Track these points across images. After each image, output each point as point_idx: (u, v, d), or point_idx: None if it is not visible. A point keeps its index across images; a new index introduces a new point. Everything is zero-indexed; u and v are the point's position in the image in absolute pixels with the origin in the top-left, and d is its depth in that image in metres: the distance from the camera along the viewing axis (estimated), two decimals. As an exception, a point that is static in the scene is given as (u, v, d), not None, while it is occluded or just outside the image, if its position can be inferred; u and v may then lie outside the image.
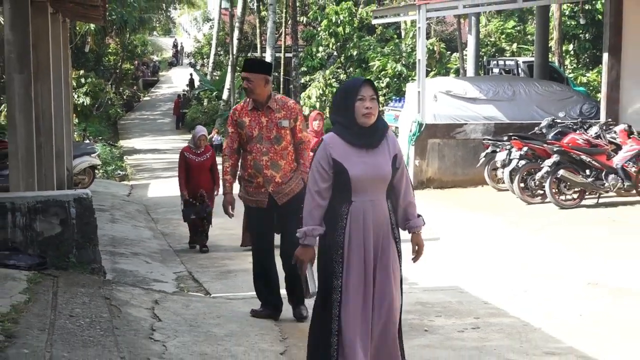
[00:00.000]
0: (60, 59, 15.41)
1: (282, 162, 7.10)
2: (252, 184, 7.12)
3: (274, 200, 7.09)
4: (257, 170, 7.05)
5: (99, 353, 5.56)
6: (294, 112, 7.14)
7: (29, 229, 8.06)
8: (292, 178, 7.15)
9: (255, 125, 7.05)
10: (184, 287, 9.60)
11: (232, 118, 7.20)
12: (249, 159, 7.11)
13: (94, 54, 38.08)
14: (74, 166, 17.66)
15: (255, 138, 7.04)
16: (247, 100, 7.16)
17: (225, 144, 7.29)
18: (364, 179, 4.90)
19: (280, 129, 7.06)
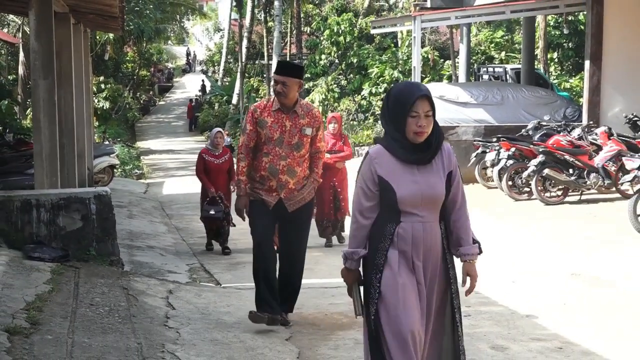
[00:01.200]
0: (81, 66, 15.40)
1: (299, 169, 6.49)
2: (263, 186, 6.49)
3: (284, 206, 6.50)
4: (272, 174, 6.43)
5: (117, 339, 5.56)
6: (318, 121, 6.55)
7: (52, 224, 8.07)
8: (305, 186, 6.58)
9: (277, 128, 6.41)
10: (196, 277, 9.60)
11: (252, 115, 6.48)
12: (264, 160, 6.45)
13: (113, 61, 38.00)
14: (94, 165, 17.63)
15: (275, 141, 6.41)
16: (271, 99, 6.53)
17: (241, 142, 6.57)
18: (413, 199, 4.11)
19: (303, 136, 6.45)
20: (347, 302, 7.65)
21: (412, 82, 4.27)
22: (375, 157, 4.16)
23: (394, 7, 38.19)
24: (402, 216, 4.13)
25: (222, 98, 39.07)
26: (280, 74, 6.42)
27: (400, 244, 4.14)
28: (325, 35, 31.85)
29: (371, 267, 4.20)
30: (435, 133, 4.15)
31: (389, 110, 4.15)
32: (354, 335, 6.43)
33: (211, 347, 5.88)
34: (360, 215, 4.20)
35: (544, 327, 6.70)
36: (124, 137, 34.13)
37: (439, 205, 4.19)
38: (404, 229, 4.13)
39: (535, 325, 6.74)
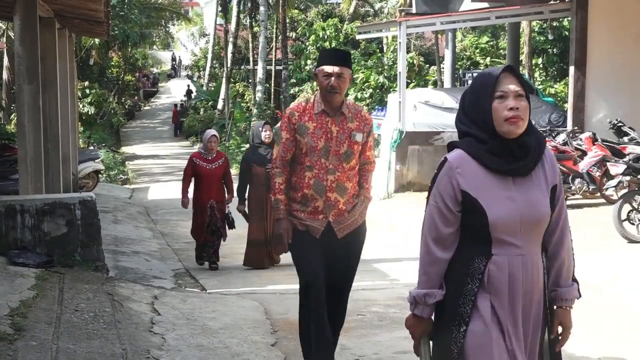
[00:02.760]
0: (66, 71, 15.35)
1: (349, 184, 5.23)
2: (306, 207, 5.22)
3: (333, 231, 5.22)
4: (318, 192, 5.17)
5: (102, 345, 5.54)
6: (369, 125, 5.32)
7: (37, 229, 8.04)
8: (356, 206, 5.31)
9: (321, 135, 5.15)
10: (182, 283, 9.57)
11: (289, 121, 5.23)
12: (307, 176, 5.18)
13: (98, 66, 37.90)
14: (79, 171, 17.58)
15: (320, 151, 5.14)
16: (311, 100, 5.28)
17: (276, 154, 5.30)
18: (510, 223, 3.05)
19: (353, 144, 5.20)
20: (333, 307, 7.65)
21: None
22: (457, 166, 3.12)
23: (380, 13, 38.29)
24: (494, 247, 3.08)
25: (208, 103, 39.08)
26: (335, 64, 5.12)
27: (492, 285, 3.08)
28: (310, 41, 31.90)
29: (451, 317, 3.12)
30: (534, 133, 3.18)
31: (470, 102, 3.19)
32: (339, 341, 6.41)
33: (197, 353, 5.86)
34: (437, 245, 3.15)
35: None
36: (109, 142, 34.01)
37: (542, 230, 3.16)
38: (498, 264, 3.08)
39: (521, 330, 6.75)
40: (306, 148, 5.17)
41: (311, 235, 5.23)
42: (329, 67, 5.11)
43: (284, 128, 5.26)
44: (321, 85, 5.14)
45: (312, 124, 5.18)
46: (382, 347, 6.21)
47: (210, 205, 10.25)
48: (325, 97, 5.15)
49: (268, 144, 10.17)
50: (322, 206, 5.19)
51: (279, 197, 5.25)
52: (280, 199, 5.25)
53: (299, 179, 5.24)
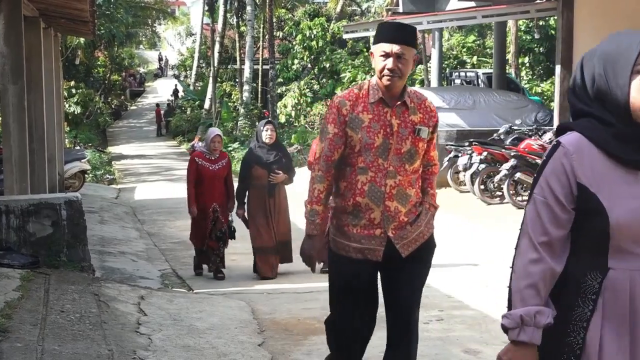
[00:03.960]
0: (52, 70, 15.29)
1: (412, 190, 4.20)
2: (359, 220, 4.15)
3: (394, 250, 4.15)
4: (375, 200, 4.10)
5: (88, 346, 5.51)
6: (435, 118, 4.30)
7: (22, 230, 7.99)
8: (420, 216, 4.25)
9: (379, 129, 4.11)
10: (168, 283, 9.55)
11: (338, 112, 4.17)
12: (360, 180, 4.13)
13: (84, 66, 37.82)
14: (65, 171, 17.53)
15: (378, 149, 4.11)
16: (365, 87, 4.23)
17: (319, 153, 4.25)
18: (636, 227, 2.40)
19: (417, 140, 4.17)
20: (320, 307, 7.67)
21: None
22: (573, 152, 2.45)
23: (367, 12, 38.33)
24: (611, 258, 2.44)
25: (195, 102, 39.04)
26: (395, 41, 4.06)
27: (610, 308, 2.43)
28: (297, 40, 31.89)
29: (557, 350, 2.51)
30: None
31: (597, 77, 2.44)
32: (327, 340, 6.42)
33: (183, 354, 5.85)
34: (546, 249, 2.47)
35: (517, 330, 6.73)
36: (95, 142, 33.92)
37: None
38: (618, 280, 2.43)
39: (508, 329, 6.76)
40: (360, 146, 4.11)
41: (365, 264, 4.16)
42: (388, 45, 4.06)
43: (331, 121, 4.20)
44: (376, 67, 4.15)
45: (368, 116, 4.13)
46: (370, 346, 6.17)
47: (213, 209, 9.53)
48: (383, 82, 4.11)
49: (270, 145, 9.53)
50: (379, 218, 4.12)
51: (316, 208, 4.19)
52: (317, 210, 4.19)
53: (350, 184, 4.17)
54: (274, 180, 9.48)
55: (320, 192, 4.21)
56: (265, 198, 9.51)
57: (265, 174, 9.44)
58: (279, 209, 9.62)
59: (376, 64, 4.14)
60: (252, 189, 9.59)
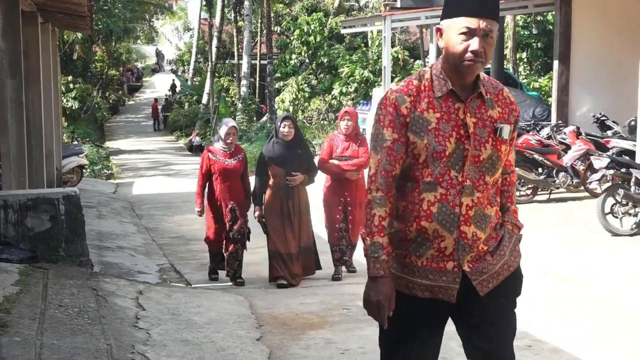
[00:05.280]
0: (49, 65, 15.27)
1: (491, 210, 3.20)
2: (424, 250, 3.15)
3: (471, 287, 3.16)
4: (446, 225, 3.10)
5: (87, 340, 5.53)
6: (516, 112, 3.27)
7: (20, 225, 8.00)
8: (502, 242, 3.25)
9: (450, 131, 3.10)
10: (167, 278, 9.56)
11: (396, 110, 3.11)
12: (426, 199, 3.12)
13: (82, 61, 37.77)
14: (63, 166, 17.51)
15: (450, 157, 3.09)
16: (426, 77, 3.17)
17: (374, 166, 3.17)
18: None
19: (499, 143, 3.16)
20: (318, 301, 7.69)
21: None
22: None
23: (364, 7, 38.28)
24: None
25: (192, 97, 39.02)
26: (482, 15, 3.08)
27: None
28: (295, 35, 31.87)
29: None
30: None
31: None
32: (324, 335, 6.44)
33: (182, 348, 5.86)
34: None
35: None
36: (93, 137, 33.90)
37: None
38: None
39: (505, 324, 6.77)
40: (426, 154, 3.09)
41: (439, 307, 3.20)
42: (472, 21, 3.06)
43: (388, 124, 3.13)
44: (452, 49, 3.09)
45: (435, 115, 3.11)
46: (368, 340, 6.22)
47: (230, 209, 8.78)
48: (458, 69, 3.10)
49: (289, 142, 8.67)
50: (451, 248, 3.12)
51: (379, 241, 3.10)
52: (381, 244, 3.10)
53: (412, 204, 3.15)
54: (292, 183, 8.60)
55: (382, 218, 3.12)
56: (282, 199, 8.63)
57: (283, 173, 8.60)
58: (298, 212, 8.69)
59: (451, 45, 3.09)
60: (268, 189, 8.73)
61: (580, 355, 5.94)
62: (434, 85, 3.13)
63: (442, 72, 3.14)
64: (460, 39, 3.05)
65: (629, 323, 6.86)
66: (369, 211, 3.14)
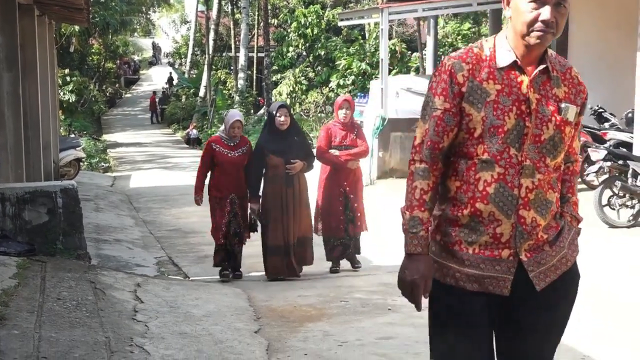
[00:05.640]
0: (46, 58, 15.25)
1: (552, 196, 2.93)
2: (477, 236, 2.87)
3: (527, 280, 2.88)
4: (503, 208, 2.84)
5: (85, 333, 5.53)
6: (583, 93, 3.08)
7: (18, 218, 8.00)
8: (562, 233, 2.98)
9: (510, 106, 2.84)
10: (164, 271, 9.57)
11: (451, 78, 2.89)
12: (481, 178, 2.85)
13: (79, 54, 37.73)
14: (60, 159, 17.51)
15: (509, 134, 2.83)
16: (489, 46, 2.96)
17: (419, 136, 2.97)
18: None
19: (563, 124, 2.91)
20: (316, 294, 7.70)
21: None
22: None
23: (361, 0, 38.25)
24: None
25: (190, 90, 39.02)
26: None
27: None
28: (292, 28, 31.82)
29: None
30: None
31: None
32: (322, 327, 6.46)
33: (180, 340, 5.87)
34: None
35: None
36: (90, 130, 33.89)
37: None
38: None
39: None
40: (482, 128, 2.85)
41: (489, 301, 2.91)
42: None
43: (440, 92, 2.91)
44: (521, 18, 2.84)
45: (495, 86, 2.86)
46: (365, 332, 6.24)
47: (231, 200, 8.63)
48: (525, 40, 2.85)
49: (285, 131, 8.53)
50: (508, 234, 2.85)
51: (419, 215, 2.90)
52: (420, 219, 2.90)
53: (466, 183, 2.89)
54: (292, 171, 8.47)
55: (424, 192, 2.90)
56: (283, 189, 8.49)
57: (282, 162, 8.45)
58: (299, 200, 8.57)
59: (520, 14, 2.84)
60: (267, 180, 8.61)
61: (575, 347, 5.96)
62: (497, 54, 2.91)
63: (507, 42, 2.93)
64: (529, 7, 2.81)
65: (625, 315, 6.88)
66: (410, 183, 2.94)
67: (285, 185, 8.47)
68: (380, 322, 6.51)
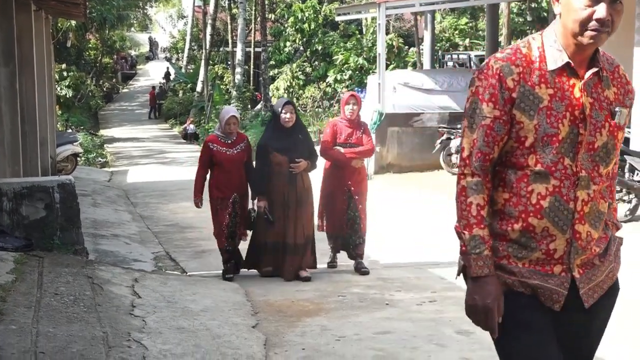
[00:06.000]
0: (43, 53, 15.22)
1: (604, 206, 2.78)
2: (528, 253, 2.70)
3: (576, 297, 2.73)
4: (559, 223, 2.66)
5: (83, 328, 5.53)
6: (631, 93, 2.84)
7: (15, 213, 7.99)
8: (610, 245, 2.87)
9: (564, 111, 2.64)
10: (162, 266, 9.56)
11: (499, 81, 2.65)
12: (535, 191, 2.66)
13: (75, 48, 37.66)
14: (58, 154, 17.49)
15: (563, 143, 2.64)
16: (537, 45, 2.71)
17: (467, 147, 2.73)
18: None
19: (616, 129, 2.74)
20: (313, 288, 7.70)
21: None
22: None
23: (359, -6, 38.23)
24: None
25: (187, 85, 39.00)
26: None
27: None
28: (289, 23, 31.81)
29: None
30: None
31: None
32: (320, 322, 6.46)
33: (177, 335, 5.87)
34: None
35: (509, 311, 6.77)
36: (87, 125, 33.83)
37: None
38: None
39: (500, 310, 6.79)
40: (534, 137, 2.64)
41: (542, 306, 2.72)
42: None
43: (489, 98, 2.66)
44: (573, 16, 2.61)
45: (547, 91, 2.64)
46: (363, 327, 6.24)
47: (233, 200, 8.31)
48: (578, 39, 2.63)
49: (289, 128, 8.25)
50: (562, 249, 2.68)
51: (479, 234, 2.69)
52: (481, 237, 2.69)
53: (517, 196, 2.69)
54: (296, 170, 8.18)
55: (481, 207, 2.70)
56: (285, 188, 8.22)
57: (286, 160, 8.17)
58: (300, 200, 8.27)
59: (573, 12, 2.61)
60: (270, 177, 8.27)
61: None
62: (547, 55, 2.68)
63: (556, 41, 2.68)
64: (583, 4, 2.58)
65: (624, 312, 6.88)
66: (463, 200, 2.72)
67: (287, 184, 8.20)
68: (377, 316, 6.52)
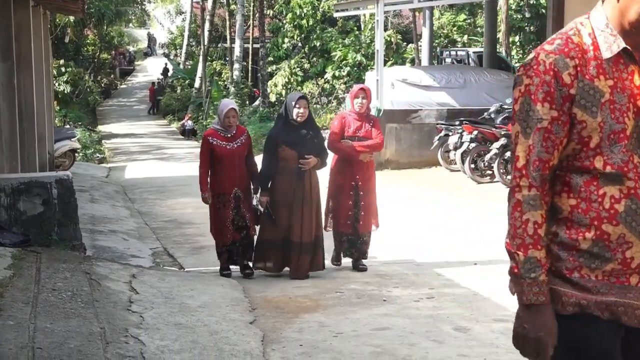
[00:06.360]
0: (41, 49, 15.21)
1: None
2: (601, 263, 2.33)
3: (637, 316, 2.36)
4: (635, 228, 2.32)
5: (80, 324, 5.53)
6: None
7: (13, 209, 7.99)
8: None
9: (627, 103, 2.32)
10: (160, 262, 9.56)
11: (554, 77, 2.30)
12: (606, 195, 2.32)
13: (74, 44, 37.64)
14: (55, 150, 17.48)
15: (630, 139, 2.33)
16: (587, 32, 2.38)
17: (522, 155, 2.36)
18: None
19: None
20: (311, 285, 7.70)
21: None
22: None
23: (357, -10, 38.18)
24: None
25: (185, 81, 38.95)
26: None
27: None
28: (288, 19, 31.77)
29: None
30: None
31: None
32: (317, 318, 6.46)
33: (175, 331, 5.86)
34: None
35: (506, 308, 6.77)
36: (85, 120, 33.80)
37: None
38: None
39: (497, 307, 6.81)
40: (600, 136, 2.33)
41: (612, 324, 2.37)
42: None
43: (544, 97, 2.33)
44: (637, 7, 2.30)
45: (607, 82, 2.33)
46: (360, 324, 6.24)
47: (235, 195, 8.05)
48: (633, 28, 2.33)
49: (301, 123, 7.99)
50: (638, 260, 2.36)
51: (535, 255, 2.37)
52: (537, 259, 2.36)
53: (585, 201, 2.36)
54: (305, 166, 7.94)
55: (538, 225, 2.36)
56: (292, 184, 7.96)
57: (295, 156, 7.92)
58: (309, 198, 8.01)
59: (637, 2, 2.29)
60: (278, 173, 8.03)
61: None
62: (601, 42, 2.36)
63: (607, 26, 2.36)
64: None
65: None
66: (518, 216, 2.39)
67: (295, 180, 7.95)
68: (375, 313, 6.52)
